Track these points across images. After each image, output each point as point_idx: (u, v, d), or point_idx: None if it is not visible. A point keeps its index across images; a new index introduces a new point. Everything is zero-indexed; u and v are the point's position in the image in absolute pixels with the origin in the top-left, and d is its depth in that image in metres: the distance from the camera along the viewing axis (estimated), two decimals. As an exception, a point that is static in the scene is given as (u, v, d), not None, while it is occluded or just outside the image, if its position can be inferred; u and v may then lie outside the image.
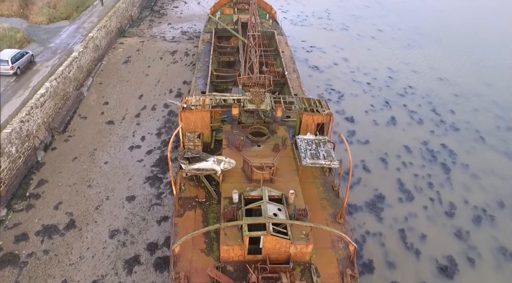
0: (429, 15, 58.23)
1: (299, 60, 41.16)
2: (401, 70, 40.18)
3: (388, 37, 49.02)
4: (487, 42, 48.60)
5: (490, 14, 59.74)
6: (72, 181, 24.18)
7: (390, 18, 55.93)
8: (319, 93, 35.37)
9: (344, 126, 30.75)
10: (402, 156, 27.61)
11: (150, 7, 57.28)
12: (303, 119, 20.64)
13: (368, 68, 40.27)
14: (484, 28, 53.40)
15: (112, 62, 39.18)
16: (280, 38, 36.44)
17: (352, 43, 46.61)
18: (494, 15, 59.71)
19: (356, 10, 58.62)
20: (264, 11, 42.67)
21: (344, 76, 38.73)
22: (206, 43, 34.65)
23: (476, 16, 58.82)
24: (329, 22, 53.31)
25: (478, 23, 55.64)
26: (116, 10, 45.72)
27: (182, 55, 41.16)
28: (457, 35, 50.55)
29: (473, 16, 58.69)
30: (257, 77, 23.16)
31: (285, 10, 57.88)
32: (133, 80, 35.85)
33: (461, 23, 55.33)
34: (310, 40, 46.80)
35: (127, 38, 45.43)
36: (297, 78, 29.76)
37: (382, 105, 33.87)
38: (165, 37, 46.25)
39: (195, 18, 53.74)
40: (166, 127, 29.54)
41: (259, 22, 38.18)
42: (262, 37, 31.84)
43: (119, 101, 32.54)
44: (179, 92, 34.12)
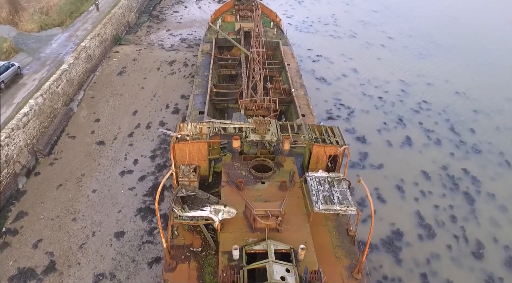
0: (440, 20, 55.52)
1: (305, 71, 38.65)
2: (414, 82, 37.58)
3: (399, 45, 46.40)
4: (506, 51, 45.89)
5: (509, 20, 56.98)
6: (55, 213, 21.76)
7: (399, 24, 53.29)
8: (327, 108, 32.85)
9: (355, 147, 28.21)
10: (420, 183, 25.06)
11: (148, 12, 54.88)
12: (314, 151, 18.14)
13: (379, 80, 37.70)
14: (502, 35, 50.67)
15: (106, 73, 36.76)
16: (286, 49, 33.92)
17: (361, 52, 44.04)
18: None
19: (364, 15, 56.00)
20: (268, 18, 40.16)
21: (354, 89, 36.18)
22: (206, 55, 32.17)
23: (493, 21, 56.06)
24: (336, 28, 50.73)
25: (494, 29, 52.91)
26: (111, 17, 43.34)
27: (181, 65, 38.70)
28: (471, 42, 47.85)
29: (488, 21, 55.93)
30: (261, 99, 20.67)
31: (290, 15, 55.34)
32: (128, 94, 33.42)
33: (475, 29, 52.61)
34: (317, 49, 44.26)
35: (123, 46, 43.02)
36: (305, 95, 27.24)
37: (396, 122, 31.31)
38: (163, 45, 43.81)
39: (196, 23, 51.28)
40: (161, 148, 27.09)
41: (263, 31, 35.72)
42: (266, 47, 29.48)
43: (112, 118, 30.11)
44: (176, 108, 31.66)
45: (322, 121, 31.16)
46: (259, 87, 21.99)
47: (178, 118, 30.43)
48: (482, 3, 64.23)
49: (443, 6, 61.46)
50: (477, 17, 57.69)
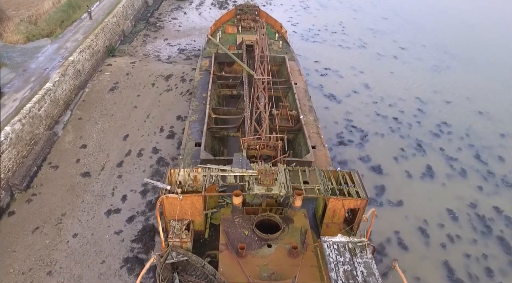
0: (453, 27, 52.41)
1: (312, 86, 35.66)
2: (431, 100, 34.51)
3: (412, 56, 43.32)
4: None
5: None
6: (28, 265, 18.86)
7: (411, 32, 50.17)
8: (338, 131, 29.85)
9: (370, 178, 25.23)
10: (447, 225, 22.06)
11: (145, 19, 51.91)
12: (330, 204, 15.19)
13: (393, 98, 34.66)
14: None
15: (97, 90, 33.84)
16: (292, 65, 30.91)
17: (372, 64, 41.00)
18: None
19: (373, 23, 52.90)
20: (272, 29, 37.16)
21: (366, 108, 33.16)
22: (204, 72, 29.21)
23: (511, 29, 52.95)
24: (344, 37, 47.67)
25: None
26: (104, 26, 40.41)
27: (178, 80, 35.74)
28: (492, 53, 44.73)
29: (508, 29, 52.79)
30: (267, 137, 17.70)
31: (295, 22, 52.29)
32: (119, 114, 30.50)
33: (492, 38, 49.48)
34: (324, 61, 41.25)
35: (117, 58, 40.08)
36: (314, 122, 24.25)
37: (414, 148, 28.28)
38: (160, 57, 40.87)
39: (195, 32, 48.31)
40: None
41: (268, 50, 32.72)
42: (270, 63, 26.61)
43: (100, 144, 27.20)
44: (171, 132, 28.71)
45: (333, 146, 28.19)
46: (264, 120, 19.01)
47: (173, 144, 27.49)
48: (496, 10, 61.09)
49: (454, 12, 58.30)
50: (493, 25, 54.52)
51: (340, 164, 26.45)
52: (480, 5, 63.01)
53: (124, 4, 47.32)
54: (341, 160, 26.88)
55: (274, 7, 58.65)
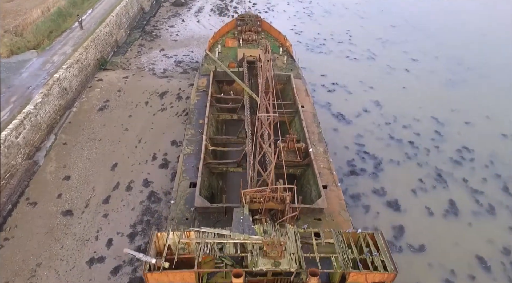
0: (466, 36, 49.56)
1: (319, 105, 32.92)
2: (449, 120, 31.69)
3: (425, 69, 40.50)
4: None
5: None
6: (-7, 333, 16.19)
7: (422, 42, 47.33)
8: (348, 158, 27.08)
9: (386, 217, 22.49)
10: (478, 278, 19.28)
11: (141, 27, 49.15)
12: (350, 278, 12.47)
13: (407, 118, 31.86)
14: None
15: (85, 110, 31.09)
16: (298, 84, 28.11)
17: (382, 79, 38.21)
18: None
19: (382, 31, 50.07)
20: (276, 42, 34.38)
21: (379, 130, 30.37)
22: (201, 93, 26.43)
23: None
24: (351, 48, 44.86)
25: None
26: (96, 37, 37.66)
27: (173, 98, 32.99)
28: (508, 65, 41.92)
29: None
30: (273, 189, 14.93)
31: (299, 31, 49.49)
32: (108, 139, 27.77)
33: (508, 49, 46.67)
34: (331, 74, 38.46)
35: (109, 72, 37.33)
36: (325, 154, 21.47)
37: (434, 179, 25.50)
38: (155, 70, 38.12)
39: (193, 41, 45.56)
40: (143, 222, 21.42)
41: (273, 64, 29.95)
42: (274, 80, 23.99)
43: (85, 175, 24.47)
44: (165, 160, 25.97)
45: (344, 176, 25.44)
46: (269, 164, 16.25)
47: (166, 175, 24.77)
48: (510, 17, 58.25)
49: (466, 19, 55.43)
50: (508, 32, 51.69)
51: (352, 198, 23.69)
52: (491, 12, 60.17)
53: (118, 12, 44.59)
54: (354, 193, 24.12)
55: (276, 14, 55.88)
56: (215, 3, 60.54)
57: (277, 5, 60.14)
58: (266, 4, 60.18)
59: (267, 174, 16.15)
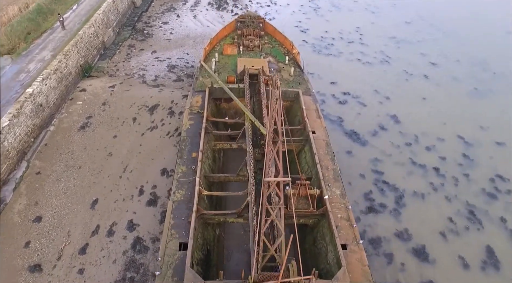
0: (489, 35, 45.25)
1: (330, 120, 29.19)
2: (478, 140, 27.97)
3: (446, 75, 36.49)
4: None
5: None
6: None
7: (441, 42, 43.10)
8: (365, 190, 23.49)
9: (413, 269, 19.05)
10: None
11: (132, 25, 44.81)
12: None
13: (430, 137, 28.13)
14: None
15: (64, 128, 27.33)
16: (308, 102, 24.18)
17: (399, 87, 34.27)
18: None
19: (396, 29, 45.73)
20: (281, 48, 30.33)
21: (398, 152, 26.68)
22: (196, 116, 22.59)
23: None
24: (363, 49, 40.70)
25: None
26: (78, 41, 33.53)
27: (165, 113, 29.15)
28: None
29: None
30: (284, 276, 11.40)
31: (304, 28, 45.15)
32: (89, 166, 24.13)
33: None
34: (342, 81, 34.51)
35: (93, 79, 33.36)
36: (342, 199, 17.84)
37: (466, 218, 21.98)
38: (145, 77, 34.13)
39: (188, 41, 41.38)
40: (126, 279, 18.01)
41: (278, 75, 26.00)
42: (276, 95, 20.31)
43: (60, 215, 20.93)
44: (154, 194, 22.37)
45: (361, 214, 21.93)
46: (278, 234, 12.65)
47: (155, 215, 21.22)
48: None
49: (487, 15, 50.94)
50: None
51: (372, 244, 20.23)
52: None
53: (105, 9, 40.25)
54: (373, 237, 20.64)
55: (279, 8, 51.37)
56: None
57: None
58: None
59: (276, 247, 12.60)
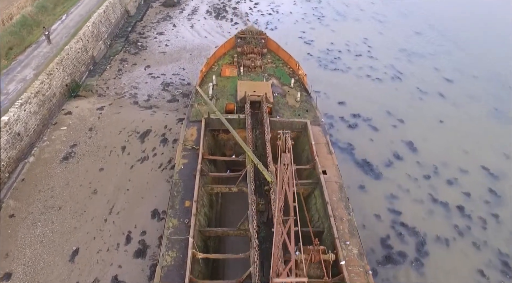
0: (507, 47, 42.58)
1: (340, 148, 26.52)
2: (504, 172, 25.22)
3: (462, 93, 33.77)
4: None
5: None
6: None
7: (454, 54, 40.38)
8: (381, 235, 20.74)
9: None
10: None
11: (125, 36, 42.04)
12: None
13: (451, 168, 25.41)
14: None
15: (44, 159, 24.59)
16: (317, 134, 21.36)
17: (413, 108, 31.54)
18: None
19: (405, 40, 43.02)
20: (286, 68, 27.57)
21: (416, 187, 23.95)
22: (190, 153, 19.82)
23: None
24: (372, 63, 37.96)
25: None
26: (64, 57, 30.77)
27: (157, 141, 26.41)
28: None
29: None
30: None
31: (309, 40, 42.39)
32: (70, 207, 21.38)
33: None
34: (351, 101, 31.78)
35: (80, 100, 30.60)
36: (361, 259, 15.10)
37: (500, 271, 19.17)
38: (137, 97, 31.40)
39: (185, 54, 38.65)
40: None
41: (283, 101, 23.31)
42: (283, 128, 18.05)
43: (33, 270, 18.20)
44: (142, 243, 19.62)
45: (378, 265, 19.21)
46: None
47: (143, 269, 18.50)
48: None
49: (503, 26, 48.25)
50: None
51: (393, 306, 17.55)
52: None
53: (96, 21, 37.49)
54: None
55: (282, 17, 48.61)
56: (212, 2, 53.17)
57: (282, 5, 52.78)
58: (269, 4, 52.78)
59: None
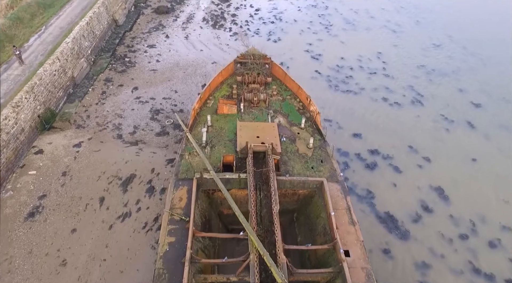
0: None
1: (357, 195, 22.56)
2: (555, 229, 21.29)
3: (494, 122, 29.53)
4: None
5: None
6: None
7: (479, 72, 36.05)
8: (417, 324, 16.86)
9: None
10: None
11: (111, 50, 37.65)
12: None
13: (491, 224, 21.34)
14: None
15: (5, 216, 20.41)
16: (335, 194, 17.19)
17: (439, 141, 27.40)
18: None
19: (423, 54, 38.69)
20: (294, 100, 23.23)
21: (452, 251, 19.86)
22: (178, 228, 15.66)
23: None
24: (388, 83, 33.70)
25: None
26: (36, 83, 26.49)
27: (142, 190, 22.24)
28: None
29: None
30: None
31: (316, 54, 38.04)
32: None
33: None
34: (368, 133, 27.60)
35: (55, 133, 26.42)
36: None
37: None
38: (121, 128, 27.21)
39: (178, 73, 34.38)
40: None
41: (292, 148, 19.08)
42: (294, 186, 14.20)
43: None
44: None
45: None
46: None
47: None
48: None
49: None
50: None
51: None
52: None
53: (77, 36, 33.09)
54: None
55: (285, 26, 44.18)
56: (209, 8, 48.72)
57: (286, 11, 48.33)
58: (271, 10, 48.33)
59: None
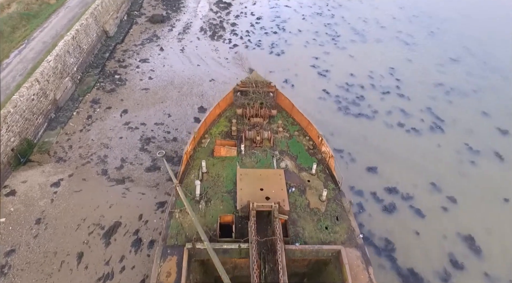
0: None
1: (373, 245, 19.49)
2: None
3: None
4: None
5: None
6: None
7: (504, 92, 32.81)
8: None
9: None
10: None
11: (100, 65, 34.55)
12: None
13: (533, 285, 18.46)
14: None
15: (-35, 280, 17.54)
16: (355, 265, 14.18)
17: (465, 177, 24.35)
18: None
19: (440, 70, 35.58)
20: (303, 137, 20.13)
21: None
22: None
23: None
24: (404, 104, 30.61)
25: None
26: (10, 112, 23.45)
27: (127, 243, 19.15)
28: None
29: None
30: None
31: (324, 70, 34.92)
32: None
33: None
34: (384, 167, 24.53)
35: (31, 170, 23.34)
36: None
37: None
38: (107, 162, 24.14)
39: (173, 92, 31.32)
40: None
41: (302, 202, 15.91)
42: (304, 255, 11.10)
43: None
44: None
45: None
46: None
47: None
48: None
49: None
50: None
51: None
52: None
53: (60, 53, 30.00)
54: None
55: (289, 37, 41.06)
56: (207, 16, 45.60)
57: (289, 19, 45.21)
58: (273, 19, 45.19)
59: None
